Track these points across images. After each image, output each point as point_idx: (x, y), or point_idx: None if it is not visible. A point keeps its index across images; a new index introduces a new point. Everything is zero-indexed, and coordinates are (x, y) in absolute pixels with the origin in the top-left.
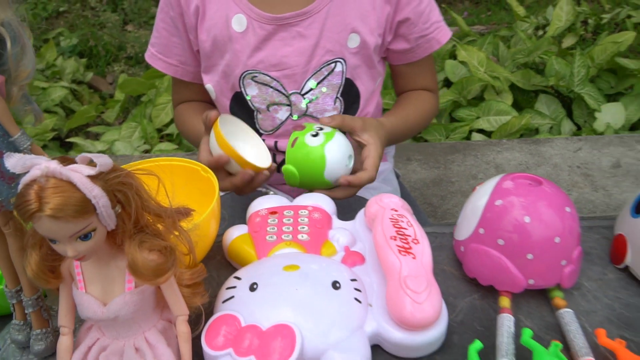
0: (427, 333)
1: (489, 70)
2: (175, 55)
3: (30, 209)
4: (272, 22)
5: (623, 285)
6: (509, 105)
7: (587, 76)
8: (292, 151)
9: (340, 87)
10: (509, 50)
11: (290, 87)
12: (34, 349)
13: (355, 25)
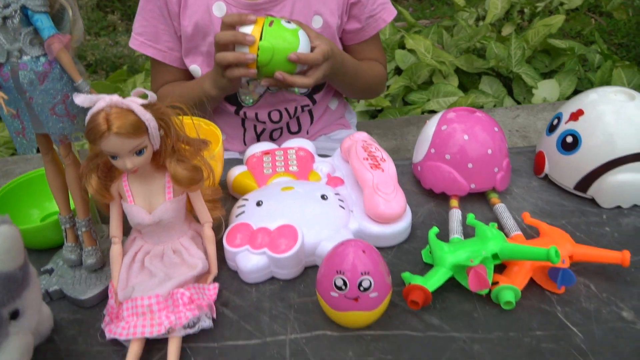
0: (396, 225)
1: (435, 56)
2: (164, 41)
3: (101, 129)
4: (247, 7)
5: (544, 189)
6: (455, 87)
7: (523, 57)
8: (270, 30)
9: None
10: (452, 38)
11: None
12: (86, 263)
13: (318, 8)
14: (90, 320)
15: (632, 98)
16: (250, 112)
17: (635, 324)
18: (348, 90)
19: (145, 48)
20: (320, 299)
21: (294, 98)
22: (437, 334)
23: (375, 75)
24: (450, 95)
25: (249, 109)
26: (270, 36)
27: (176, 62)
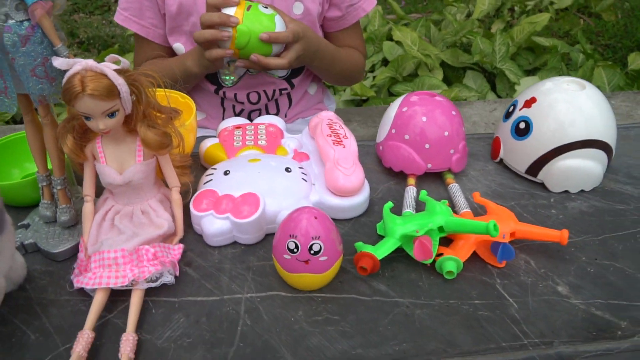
0: (354, 198)
1: (421, 49)
2: (148, 18)
3: (76, 91)
4: None
5: (498, 173)
6: (440, 80)
7: (507, 53)
8: (248, 14)
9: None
10: (439, 32)
11: None
12: (60, 219)
13: None
14: (61, 273)
15: (583, 88)
16: (230, 92)
17: (569, 298)
18: (325, 74)
19: (130, 23)
20: (275, 262)
21: (272, 81)
22: (383, 299)
23: (353, 62)
24: (435, 88)
25: (228, 90)
26: (248, 20)
27: (159, 38)
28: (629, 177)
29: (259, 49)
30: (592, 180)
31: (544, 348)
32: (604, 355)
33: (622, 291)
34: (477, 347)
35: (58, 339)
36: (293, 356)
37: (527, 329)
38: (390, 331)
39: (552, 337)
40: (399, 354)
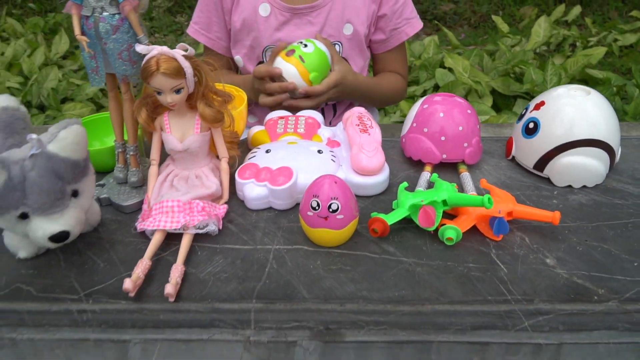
0: (375, 178)
1: (472, 76)
2: (215, 32)
3: (152, 69)
4: (289, 11)
5: (510, 168)
6: (489, 107)
7: (559, 83)
8: (311, 56)
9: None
10: (493, 62)
11: None
12: (130, 180)
13: (350, 17)
14: (128, 221)
15: (588, 93)
16: None
17: (555, 268)
18: (364, 103)
19: (199, 36)
20: (301, 220)
21: None
22: (390, 257)
23: (392, 88)
24: (483, 114)
25: None
26: (314, 65)
27: (223, 50)
28: (632, 178)
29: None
30: (594, 177)
31: (525, 304)
32: (578, 315)
33: (604, 266)
34: (465, 298)
35: (122, 267)
36: (309, 293)
37: (512, 289)
38: (393, 281)
39: (534, 296)
40: (398, 298)
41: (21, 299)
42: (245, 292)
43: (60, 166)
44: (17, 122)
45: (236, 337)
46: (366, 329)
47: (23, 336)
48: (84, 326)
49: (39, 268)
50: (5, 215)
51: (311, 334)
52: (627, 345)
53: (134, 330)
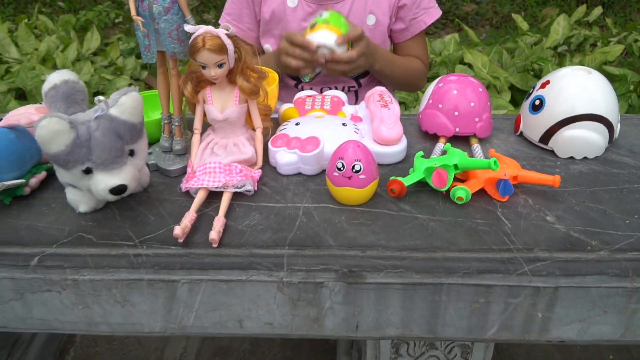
0: (394, 147)
1: (490, 71)
2: (245, 22)
3: (199, 46)
4: (315, 2)
5: (518, 142)
6: (507, 101)
7: None
8: (332, 17)
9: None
10: (512, 59)
11: None
12: (175, 148)
13: (372, 8)
14: (173, 183)
15: (590, 73)
16: (307, 86)
17: (554, 224)
18: (387, 79)
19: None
20: (327, 181)
21: (343, 79)
22: (406, 214)
23: (412, 68)
24: (501, 108)
25: (306, 84)
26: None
27: (253, 40)
28: (630, 152)
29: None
30: (594, 149)
31: (525, 252)
32: (573, 262)
33: (599, 223)
34: (472, 247)
35: (170, 220)
36: (334, 241)
37: (515, 240)
38: (409, 233)
39: (534, 245)
40: (413, 246)
41: (84, 245)
42: (279, 240)
43: (121, 127)
44: (77, 94)
45: (271, 278)
46: (384, 272)
47: (85, 277)
48: (138, 268)
49: (97, 220)
50: (73, 169)
51: (336, 276)
52: (616, 289)
53: (182, 272)
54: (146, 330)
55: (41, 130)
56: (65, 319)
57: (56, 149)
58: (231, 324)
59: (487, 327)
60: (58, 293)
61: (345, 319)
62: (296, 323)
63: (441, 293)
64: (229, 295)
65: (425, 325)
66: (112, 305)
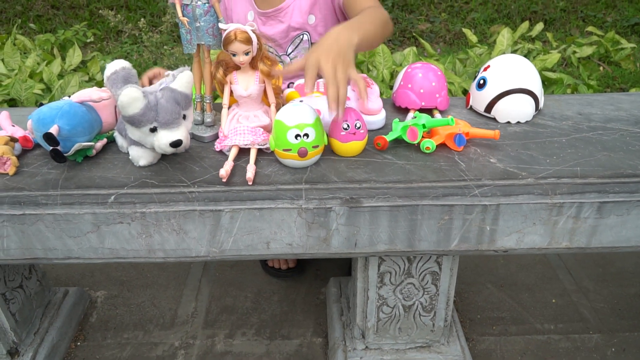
0: (376, 117)
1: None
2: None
3: (231, 38)
4: (263, 15)
5: (468, 113)
6: None
7: None
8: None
9: (309, 49)
10: (464, 67)
11: (280, 51)
12: (206, 121)
13: (311, 10)
14: (208, 147)
15: (520, 59)
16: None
17: (495, 164)
18: (368, 40)
19: None
20: (332, 140)
21: (301, 74)
22: (388, 161)
23: (381, 19)
24: None
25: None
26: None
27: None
28: (551, 117)
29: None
30: (525, 115)
31: (475, 181)
32: (509, 187)
33: (527, 162)
34: (438, 179)
35: (211, 169)
36: (338, 178)
37: (468, 174)
38: (392, 172)
39: (481, 177)
40: (395, 180)
41: (148, 186)
42: (297, 179)
43: (179, 97)
44: (132, 77)
45: (293, 205)
46: (376, 197)
47: (151, 210)
48: (192, 201)
49: (154, 171)
50: (143, 127)
51: (341, 202)
52: (540, 204)
53: (226, 203)
54: (193, 255)
55: (124, 97)
56: (130, 247)
57: (132, 112)
58: (260, 246)
59: (450, 240)
60: (128, 224)
61: (347, 237)
62: (310, 243)
63: (417, 213)
64: (260, 220)
65: (406, 241)
66: (170, 233)
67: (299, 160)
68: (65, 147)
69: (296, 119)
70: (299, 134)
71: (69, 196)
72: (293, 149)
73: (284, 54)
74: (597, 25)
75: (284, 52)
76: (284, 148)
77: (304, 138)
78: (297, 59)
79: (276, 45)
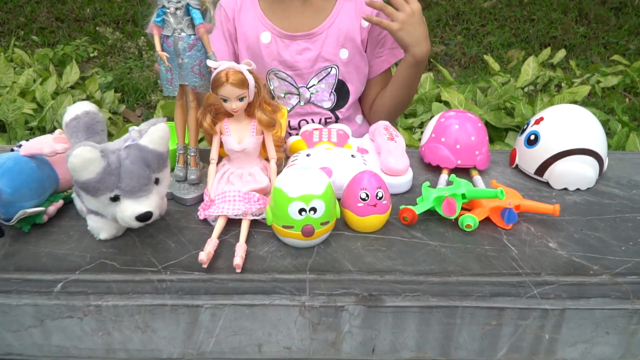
0: (401, 178)
1: (466, 109)
2: (225, 58)
3: (222, 80)
4: (288, 38)
5: (513, 174)
6: None
7: None
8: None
9: (334, 85)
10: (485, 97)
11: (300, 82)
12: (189, 178)
13: (344, 43)
14: (190, 211)
15: (580, 111)
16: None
17: (556, 250)
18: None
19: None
20: (346, 212)
21: (319, 111)
22: (418, 241)
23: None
24: None
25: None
26: None
27: None
28: (617, 184)
29: None
30: (586, 181)
31: (533, 276)
32: (577, 285)
33: (597, 249)
34: (484, 271)
35: (190, 246)
36: (353, 266)
37: (522, 265)
38: (422, 258)
39: (540, 270)
40: (428, 271)
41: (107, 271)
42: (300, 265)
43: (149, 156)
44: (97, 125)
45: (293, 302)
46: (402, 295)
47: (108, 303)
48: (162, 293)
49: (118, 247)
50: (101, 197)
51: (357, 299)
52: (618, 310)
53: (206, 297)
54: (164, 356)
55: (74, 158)
56: (84, 345)
57: (87, 177)
58: (250, 349)
59: (497, 349)
60: (79, 319)
61: (363, 342)
62: (314, 347)
63: (455, 316)
64: (250, 319)
65: (439, 348)
66: (133, 331)
67: (303, 240)
68: (7, 214)
69: (301, 189)
70: (304, 208)
71: (5, 282)
72: (296, 226)
73: (304, 86)
74: (619, 52)
75: (303, 84)
76: (285, 224)
77: (310, 213)
78: (317, 95)
79: (296, 74)
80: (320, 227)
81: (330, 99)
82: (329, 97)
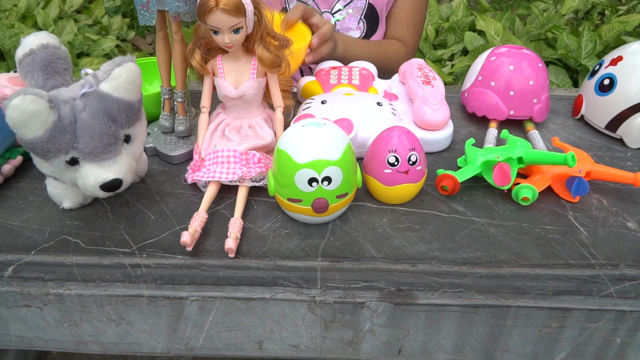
0: (439, 133)
1: (504, 39)
2: None
3: (210, 5)
4: None
5: (578, 128)
6: None
7: (593, 51)
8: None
9: (364, 10)
10: (524, 26)
11: (323, 6)
12: (177, 129)
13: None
14: (176, 172)
15: None
16: None
17: (637, 232)
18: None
19: None
20: (369, 179)
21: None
22: (460, 217)
23: (388, 51)
24: None
25: None
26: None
27: None
28: None
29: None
30: None
31: (609, 269)
32: None
33: None
34: (545, 261)
35: (174, 220)
36: (377, 252)
37: (595, 252)
38: (466, 241)
39: (618, 260)
40: (473, 259)
41: (69, 252)
42: (310, 248)
43: (114, 107)
44: (59, 62)
45: (300, 297)
46: (440, 291)
47: (71, 292)
48: (137, 282)
49: (85, 219)
50: (54, 160)
51: (381, 295)
52: None
53: (191, 288)
54: (146, 351)
55: (13, 111)
56: (49, 337)
57: (32, 135)
58: (249, 346)
59: (554, 353)
60: (39, 309)
61: (387, 342)
62: (327, 346)
63: (507, 317)
64: (247, 314)
65: (482, 351)
66: (105, 324)
67: (315, 217)
68: None
69: (311, 153)
70: (315, 177)
71: None
72: (305, 200)
73: (327, 10)
74: None
75: (327, 9)
76: (291, 197)
77: (322, 184)
78: (343, 22)
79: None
80: (336, 201)
81: (359, 27)
82: (358, 25)
